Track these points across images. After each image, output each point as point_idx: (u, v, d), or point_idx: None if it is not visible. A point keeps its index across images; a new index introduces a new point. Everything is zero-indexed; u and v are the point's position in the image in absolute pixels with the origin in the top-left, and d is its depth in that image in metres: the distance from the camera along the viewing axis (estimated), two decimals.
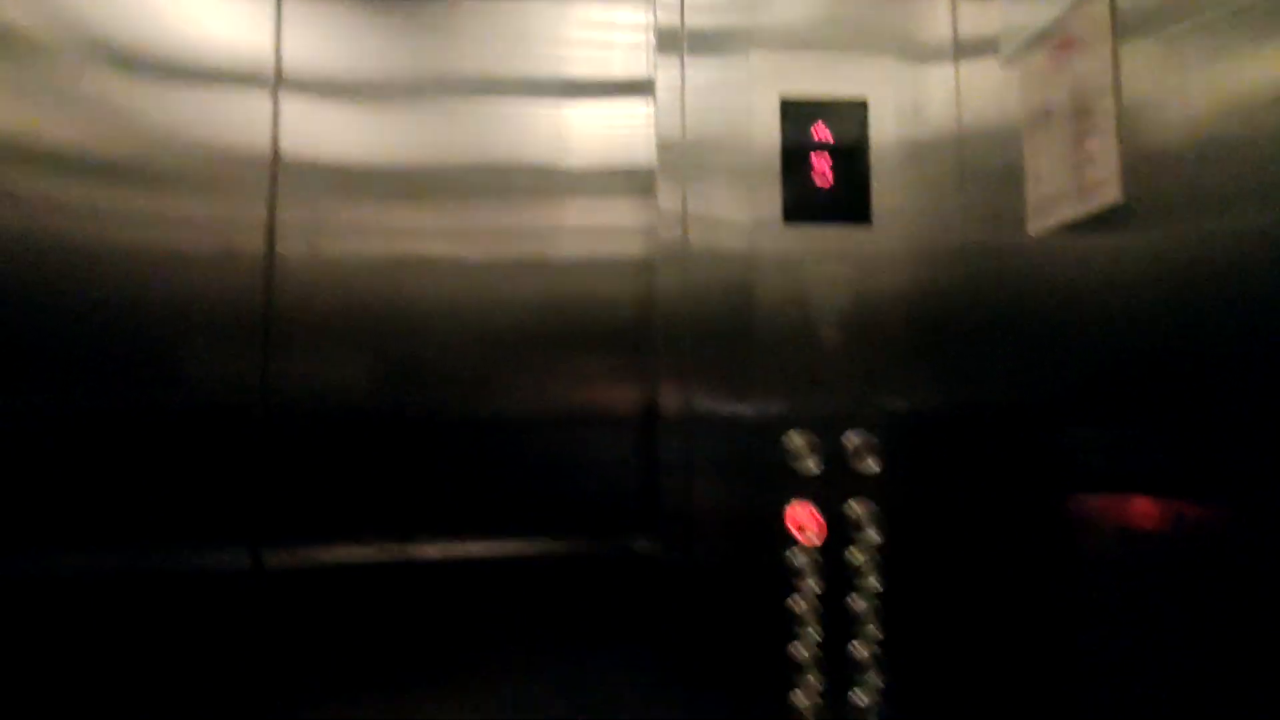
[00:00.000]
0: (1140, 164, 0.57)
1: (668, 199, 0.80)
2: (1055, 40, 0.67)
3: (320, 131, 0.86)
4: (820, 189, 0.79)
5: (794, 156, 0.79)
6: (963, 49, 0.84)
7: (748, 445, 0.77)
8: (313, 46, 0.88)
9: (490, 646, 0.84)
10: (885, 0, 0.84)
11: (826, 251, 0.78)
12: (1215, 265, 0.50)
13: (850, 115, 0.80)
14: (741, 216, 0.79)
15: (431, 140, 0.87)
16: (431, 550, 0.84)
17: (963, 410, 0.79)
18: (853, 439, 0.76)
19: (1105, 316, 0.61)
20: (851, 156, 0.80)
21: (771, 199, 0.79)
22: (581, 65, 0.90)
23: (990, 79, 0.82)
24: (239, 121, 0.85)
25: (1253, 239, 0.47)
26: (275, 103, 0.86)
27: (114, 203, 0.85)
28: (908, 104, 0.82)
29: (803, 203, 0.78)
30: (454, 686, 0.84)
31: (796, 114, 0.80)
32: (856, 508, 0.75)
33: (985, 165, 0.80)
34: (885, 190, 0.80)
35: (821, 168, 0.79)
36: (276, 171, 0.85)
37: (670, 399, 0.79)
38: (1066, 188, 0.66)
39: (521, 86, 0.89)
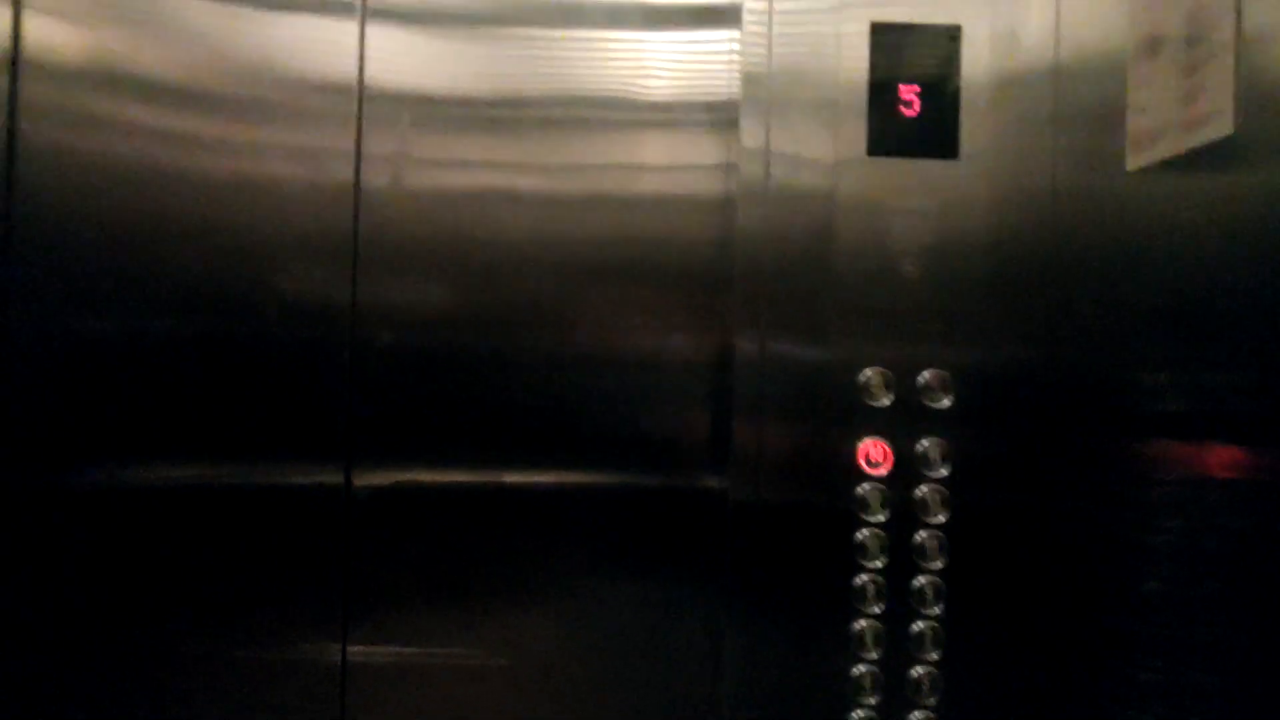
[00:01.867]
0: (1255, 98, 0.54)
1: (751, 134, 0.79)
2: None
3: (404, 62, 0.88)
4: (907, 120, 0.77)
5: (881, 86, 0.77)
6: None
7: (821, 383, 0.77)
8: None
9: (563, 571, 0.89)
10: None
11: (910, 186, 0.77)
12: None
13: (941, 42, 0.77)
14: (825, 152, 0.78)
15: (513, 70, 0.88)
16: (511, 477, 0.88)
17: (1040, 353, 0.78)
18: (927, 376, 0.76)
19: (1198, 259, 0.60)
20: (941, 87, 0.77)
21: (857, 133, 0.77)
22: None
23: (1093, 4, 0.78)
24: (327, 51, 0.87)
25: None
26: (361, 32, 0.87)
27: (210, 132, 0.88)
28: (1003, 31, 0.78)
29: (888, 135, 0.76)
30: (529, 606, 0.89)
31: (886, 40, 0.77)
32: (927, 444, 0.76)
33: (1083, 100, 0.76)
34: (975, 124, 0.77)
35: (909, 97, 0.76)
36: (362, 102, 0.87)
37: (745, 339, 0.79)
38: (1173, 120, 0.63)
39: (603, 14, 0.88)
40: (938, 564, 0.75)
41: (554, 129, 0.87)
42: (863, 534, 0.76)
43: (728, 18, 0.86)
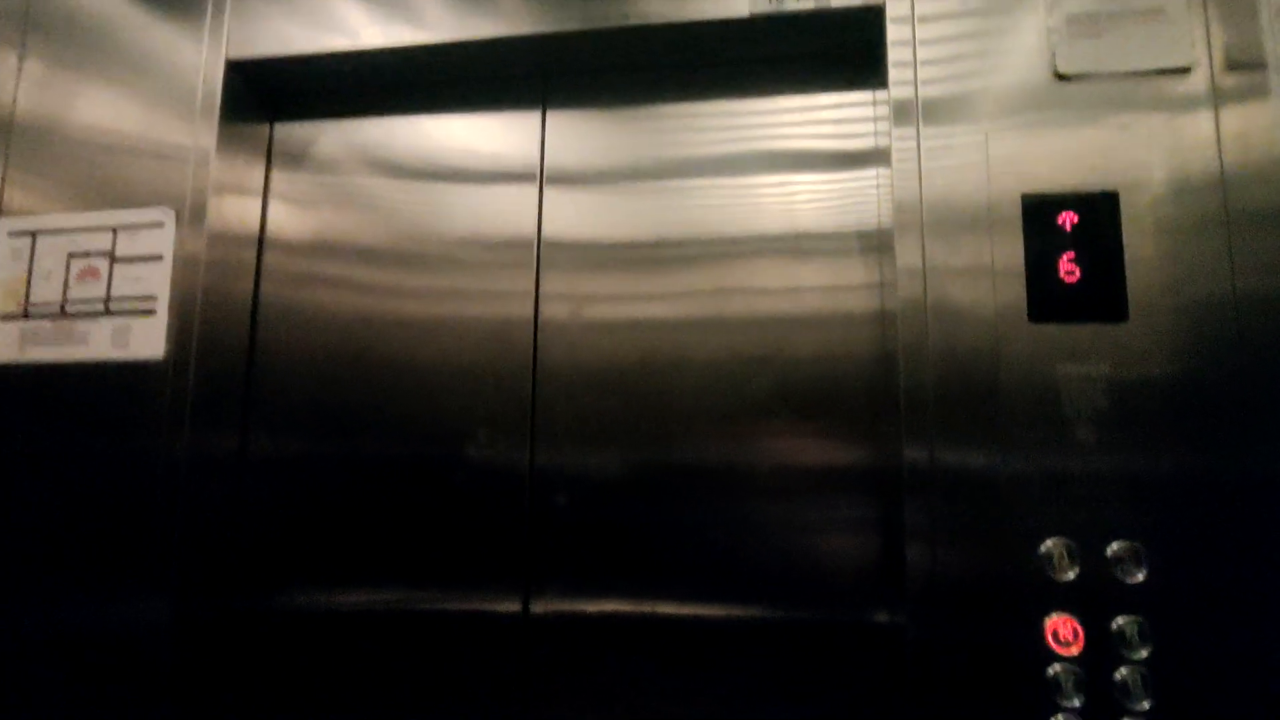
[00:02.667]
0: None
1: (906, 256, 0.82)
2: None
3: (575, 215, 1.00)
4: (1067, 286, 0.77)
5: (1038, 256, 0.78)
6: (1224, 114, 0.79)
7: (1000, 533, 0.75)
8: (570, 146, 1.03)
9: (726, 702, 0.88)
10: (1130, 75, 0.81)
11: (1078, 350, 0.75)
12: None
13: (1098, 207, 0.78)
14: (983, 298, 0.79)
15: (671, 217, 0.98)
16: (673, 609, 0.91)
17: (1239, 492, 0.72)
18: (1115, 547, 0.72)
19: None
20: (1101, 252, 0.77)
21: (1014, 290, 0.78)
22: (809, 140, 0.97)
23: (1260, 145, 0.77)
24: (512, 211, 1.02)
25: None
26: (540, 194, 1.01)
27: (411, 283, 1.03)
28: (1162, 181, 0.77)
29: (1049, 303, 0.76)
30: None
31: (1038, 210, 0.79)
32: (1122, 622, 0.71)
33: (1259, 242, 0.74)
34: (1142, 280, 0.76)
35: (1067, 267, 0.77)
36: (540, 250, 0.99)
37: (915, 456, 0.78)
38: None
39: (754, 163, 0.98)
40: None
41: (707, 262, 0.97)
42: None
43: (871, 159, 0.94)
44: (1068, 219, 0.77)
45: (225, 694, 0.97)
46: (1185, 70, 0.79)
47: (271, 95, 1.08)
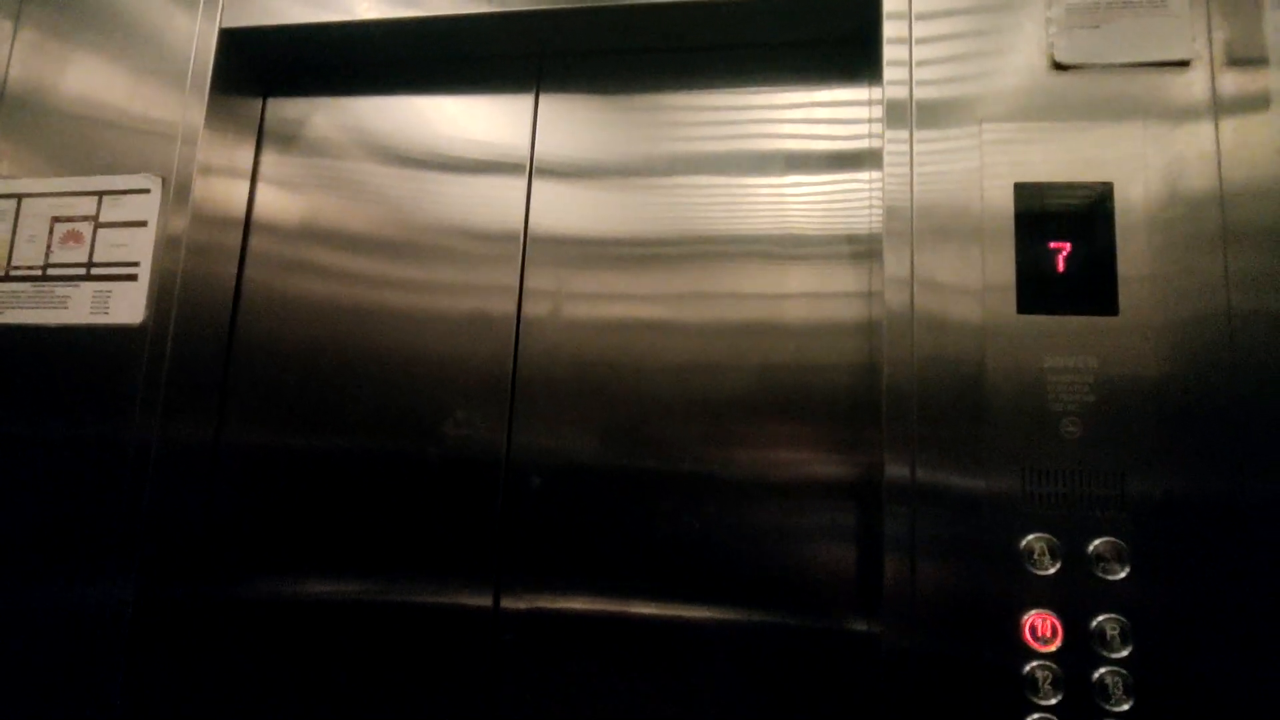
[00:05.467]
0: None
1: (894, 265, 0.80)
2: None
3: (563, 209, 0.98)
4: (1059, 277, 0.75)
5: (1029, 246, 0.76)
6: (1224, 109, 0.77)
7: (980, 535, 0.73)
8: (561, 138, 1.01)
9: (698, 705, 0.86)
10: (1129, 67, 0.80)
11: (1066, 343, 0.74)
12: None
13: (1092, 199, 0.76)
14: (973, 288, 0.77)
15: (660, 215, 0.96)
16: (646, 608, 0.89)
17: (1225, 504, 0.70)
18: (1096, 543, 0.71)
19: None
20: (1094, 244, 0.75)
21: (1004, 273, 0.76)
22: (801, 141, 0.95)
23: (1259, 138, 0.75)
24: (499, 204, 1.00)
25: None
26: (529, 186, 0.99)
27: (394, 274, 1.01)
28: (1157, 176, 0.76)
29: (1039, 293, 0.75)
30: None
31: (1031, 201, 0.77)
32: (1102, 620, 0.69)
33: (1257, 240, 0.73)
34: (1133, 274, 0.74)
35: (1060, 257, 0.75)
36: (526, 244, 0.98)
37: (895, 470, 0.77)
38: None
39: (744, 163, 0.96)
40: None
41: (696, 264, 0.95)
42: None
43: (862, 161, 0.91)
44: (1061, 208, 0.76)
45: (186, 680, 0.96)
46: (1185, 63, 0.78)
47: (264, 68, 1.07)
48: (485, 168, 1.02)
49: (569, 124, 1.01)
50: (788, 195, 0.95)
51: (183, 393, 0.94)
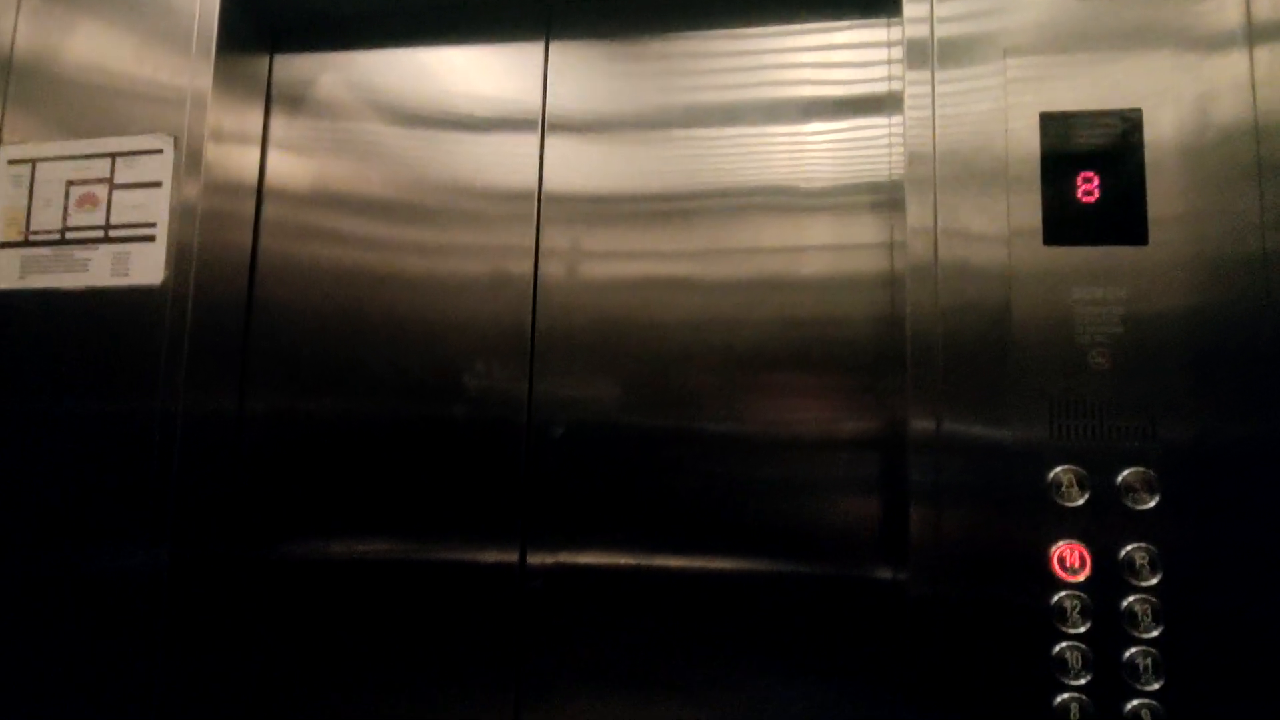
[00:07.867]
0: None
1: (917, 214, 0.78)
2: None
3: (577, 165, 0.97)
4: (1087, 207, 0.74)
5: (1055, 175, 0.75)
6: (1259, 36, 0.75)
7: (1006, 476, 0.73)
8: (573, 90, 0.99)
9: (724, 657, 0.88)
10: None
11: (1094, 274, 0.73)
12: None
13: (1120, 127, 0.75)
14: (997, 233, 0.76)
15: (675, 168, 0.95)
16: (674, 561, 0.90)
17: (1255, 437, 0.70)
18: (1125, 474, 0.70)
19: None
20: (1123, 172, 0.74)
21: (1030, 215, 0.75)
22: (819, 87, 0.93)
23: None
24: (511, 161, 0.98)
25: None
26: (541, 143, 0.97)
27: (409, 237, 1.01)
28: (1189, 105, 0.74)
29: (1066, 224, 0.73)
30: (689, 691, 0.88)
31: (1058, 130, 0.76)
32: (1130, 549, 0.69)
33: None
34: (1164, 204, 0.73)
35: (1088, 186, 0.74)
36: (540, 203, 0.97)
37: (919, 422, 0.76)
38: None
39: (760, 111, 0.94)
40: (1153, 685, 0.68)
41: (715, 218, 0.93)
42: (1060, 648, 0.70)
43: (884, 105, 0.89)
44: (1087, 136, 0.74)
45: (220, 640, 0.98)
46: None
47: (269, 22, 1.06)
48: (497, 125, 1.01)
49: (580, 74, 1.00)
50: (806, 143, 0.93)
51: (206, 356, 0.95)
